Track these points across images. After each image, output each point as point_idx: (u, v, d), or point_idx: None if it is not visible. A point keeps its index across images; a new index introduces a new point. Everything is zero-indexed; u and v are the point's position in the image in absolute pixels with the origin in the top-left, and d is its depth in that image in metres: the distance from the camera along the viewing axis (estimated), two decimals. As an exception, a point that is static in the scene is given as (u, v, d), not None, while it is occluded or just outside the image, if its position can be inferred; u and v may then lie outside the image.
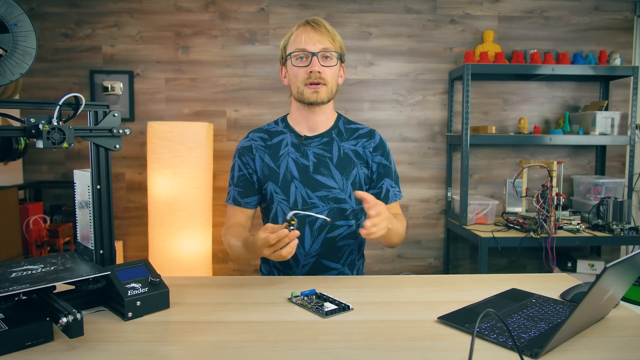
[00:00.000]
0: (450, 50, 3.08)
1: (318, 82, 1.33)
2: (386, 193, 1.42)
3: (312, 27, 1.34)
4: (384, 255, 3.15)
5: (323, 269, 1.40)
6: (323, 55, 1.34)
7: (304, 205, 1.38)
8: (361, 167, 1.41)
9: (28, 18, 0.91)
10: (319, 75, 1.33)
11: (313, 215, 1.19)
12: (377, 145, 1.44)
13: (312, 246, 1.38)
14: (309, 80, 1.33)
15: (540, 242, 2.47)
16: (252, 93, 3.03)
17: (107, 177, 1.03)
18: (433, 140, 3.13)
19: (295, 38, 1.36)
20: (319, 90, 1.34)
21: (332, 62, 1.35)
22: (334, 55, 1.35)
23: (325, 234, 1.38)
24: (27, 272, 0.94)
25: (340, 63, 1.40)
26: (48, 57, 2.95)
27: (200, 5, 2.98)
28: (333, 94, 1.39)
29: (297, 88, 1.37)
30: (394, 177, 1.45)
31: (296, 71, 1.35)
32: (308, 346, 0.84)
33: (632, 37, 3.13)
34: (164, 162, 2.57)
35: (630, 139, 2.81)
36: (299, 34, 1.35)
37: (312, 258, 1.39)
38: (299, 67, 1.34)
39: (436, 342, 0.87)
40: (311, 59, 1.32)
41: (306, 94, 1.35)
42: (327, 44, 1.34)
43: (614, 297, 0.94)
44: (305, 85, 1.34)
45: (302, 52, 1.33)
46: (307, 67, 1.33)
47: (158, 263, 2.57)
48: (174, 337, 0.88)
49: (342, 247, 1.41)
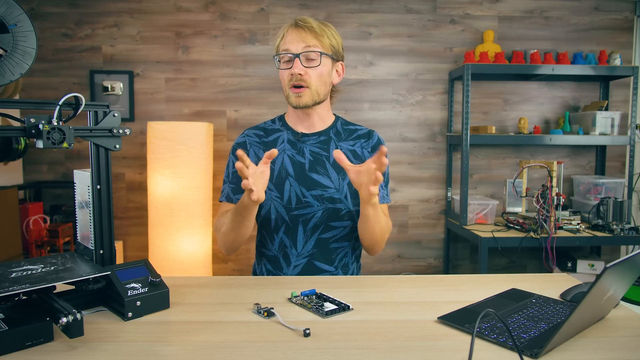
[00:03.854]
0: (450, 50, 3.08)
1: (300, 85, 1.31)
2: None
3: (296, 27, 1.31)
4: (384, 255, 3.15)
5: (315, 270, 1.36)
6: (306, 56, 1.30)
7: (297, 204, 1.35)
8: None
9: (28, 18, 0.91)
10: (300, 78, 1.29)
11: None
12: (374, 145, 1.41)
13: (305, 246, 1.35)
14: (292, 82, 1.31)
15: (540, 242, 2.47)
16: (252, 93, 3.03)
17: (107, 177, 1.03)
18: (433, 140, 3.13)
19: (283, 39, 1.33)
20: (301, 94, 1.31)
21: (315, 62, 1.30)
22: (317, 54, 1.30)
23: (319, 234, 1.36)
24: (27, 272, 0.94)
25: (333, 62, 1.36)
26: (48, 57, 2.95)
27: (200, 5, 2.98)
28: (320, 96, 1.34)
29: (285, 90, 1.35)
30: (385, 179, 1.41)
31: (282, 73, 1.34)
32: (308, 346, 0.84)
33: (632, 37, 3.13)
34: (164, 162, 2.57)
35: (630, 139, 2.81)
36: (286, 34, 1.33)
37: (304, 259, 1.36)
38: (283, 69, 1.33)
39: (436, 342, 0.87)
40: (294, 61, 1.30)
41: (290, 97, 1.33)
42: (311, 42, 1.29)
43: (614, 297, 0.94)
44: (290, 88, 1.32)
45: (285, 53, 1.31)
46: (290, 69, 1.31)
47: (158, 263, 2.57)
48: (174, 337, 0.88)
49: (336, 249, 1.38)
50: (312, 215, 1.35)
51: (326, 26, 1.35)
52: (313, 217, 1.35)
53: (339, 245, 1.38)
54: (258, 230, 1.45)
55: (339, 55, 1.38)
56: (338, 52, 1.37)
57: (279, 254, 1.38)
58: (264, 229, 1.41)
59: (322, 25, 1.34)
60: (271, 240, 1.39)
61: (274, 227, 1.37)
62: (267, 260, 1.41)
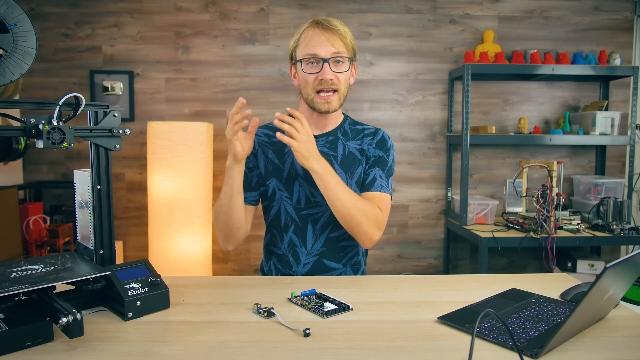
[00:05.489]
0: (450, 50, 3.08)
1: (329, 90, 1.30)
2: (372, 180, 1.36)
3: (323, 28, 1.29)
4: (384, 255, 3.15)
5: (324, 269, 1.38)
6: (335, 60, 1.28)
7: (307, 204, 1.36)
8: (365, 164, 1.39)
9: (28, 18, 0.91)
10: (331, 82, 1.29)
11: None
12: (379, 140, 1.41)
13: (314, 245, 1.37)
14: (320, 87, 1.29)
15: (540, 242, 2.47)
16: (252, 93, 3.03)
17: (107, 177, 1.03)
18: (433, 140, 3.13)
19: (306, 40, 1.30)
20: (330, 100, 1.31)
21: (344, 67, 1.31)
22: (346, 59, 1.31)
23: (327, 233, 1.37)
24: (27, 272, 0.94)
25: (351, 63, 1.35)
26: (48, 57, 2.95)
27: (200, 5, 2.98)
28: (344, 98, 1.36)
29: (307, 94, 1.33)
30: (386, 170, 1.39)
31: (307, 77, 1.30)
32: (308, 346, 0.84)
33: (632, 37, 3.13)
34: (164, 162, 2.57)
35: (630, 139, 2.81)
36: (310, 36, 1.29)
37: (314, 257, 1.38)
38: (309, 73, 1.30)
39: (436, 342, 0.87)
40: (322, 66, 1.28)
41: (317, 103, 1.31)
42: (339, 47, 1.28)
43: (614, 297, 0.94)
44: (316, 93, 1.30)
45: (312, 57, 1.28)
46: (319, 74, 1.28)
47: (158, 263, 2.56)
48: (174, 337, 0.88)
49: (345, 247, 1.40)
50: (321, 215, 1.37)
51: (345, 26, 1.33)
52: (322, 217, 1.37)
53: (348, 243, 1.40)
54: (267, 229, 1.46)
55: (356, 56, 1.38)
56: (356, 52, 1.37)
57: (288, 252, 1.39)
58: (274, 228, 1.42)
59: (343, 25, 1.32)
60: (281, 240, 1.40)
61: (284, 227, 1.39)
62: (276, 259, 1.42)
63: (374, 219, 1.29)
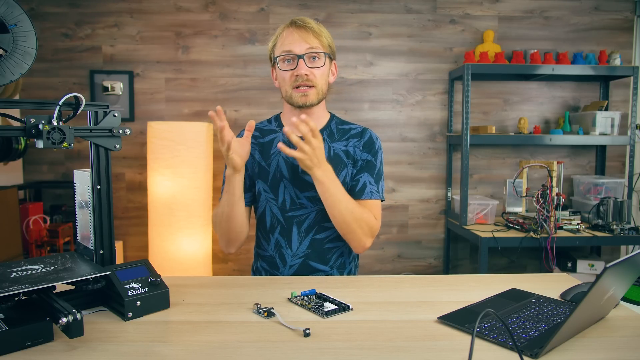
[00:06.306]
0: (450, 50, 3.08)
1: (306, 85, 1.31)
2: (362, 187, 1.35)
3: (296, 27, 1.31)
4: (384, 255, 3.15)
5: (310, 270, 1.37)
6: (310, 56, 1.31)
7: (292, 206, 1.36)
8: (350, 167, 1.38)
9: (28, 18, 0.91)
10: (307, 78, 1.30)
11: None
12: (365, 142, 1.40)
13: (300, 247, 1.37)
14: (297, 83, 1.31)
15: (540, 242, 2.47)
16: (252, 93, 3.03)
17: (107, 177, 1.03)
18: (433, 140, 3.13)
19: (281, 40, 1.33)
20: (307, 93, 1.32)
21: (319, 62, 1.32)
22: (321, 55, 1.32)
23: (313, 235, 1.37)
24: (27, 272, 0.94)
25: (330, 61, 1.37)
26: (48, 57, 2.95)
27: (200, 5, 2.98)
28: (323, 94, 1.37)
29: (285, 91, 1.35)
30: (375, 175, 1.38)
31: (283, 74, 1.33)
32: (308, 346, 0.84)
33: (632, 37, 3.13)
34: (164, 162, 2.57)
35: (630, 139, 2.81)
36: (285, 35, 1.32)
37: (300, 259, 1.37)
38: (285, 70, 1.32)
39: (436, 342, 0.87)
40: (297, 62, 1.30)
41: (294, 97, 1.33)
42: (313, 43, 1.30)
43: (614, 297, 0.94)
44: (293, 89, 1.32)
45: (288, 54, 1.31)
46: (294, 70, 1.31)
47: (158, 263, 2.57)
48: (174, 337, 0.88)
49: (331, 249, 1.39)
50: (306, 217, 1.37)
51: (321, 26, 1.36)
52: (307, 219, 1.37)
53: (334, 245, 1.39)
54: (255, 230, 1.46)
55: (334, 55, 1.40)
56: (334, 51, 1.39)
57: (274, 254, 1.39)
58: (260, 229, 1.43)
59: (319, 25, 1.35)
60: (267, 241, 1.41)
61: (270, 228, 1.39)
62: (263, 261, 1.42)
63: (369, 228, 1.32)
